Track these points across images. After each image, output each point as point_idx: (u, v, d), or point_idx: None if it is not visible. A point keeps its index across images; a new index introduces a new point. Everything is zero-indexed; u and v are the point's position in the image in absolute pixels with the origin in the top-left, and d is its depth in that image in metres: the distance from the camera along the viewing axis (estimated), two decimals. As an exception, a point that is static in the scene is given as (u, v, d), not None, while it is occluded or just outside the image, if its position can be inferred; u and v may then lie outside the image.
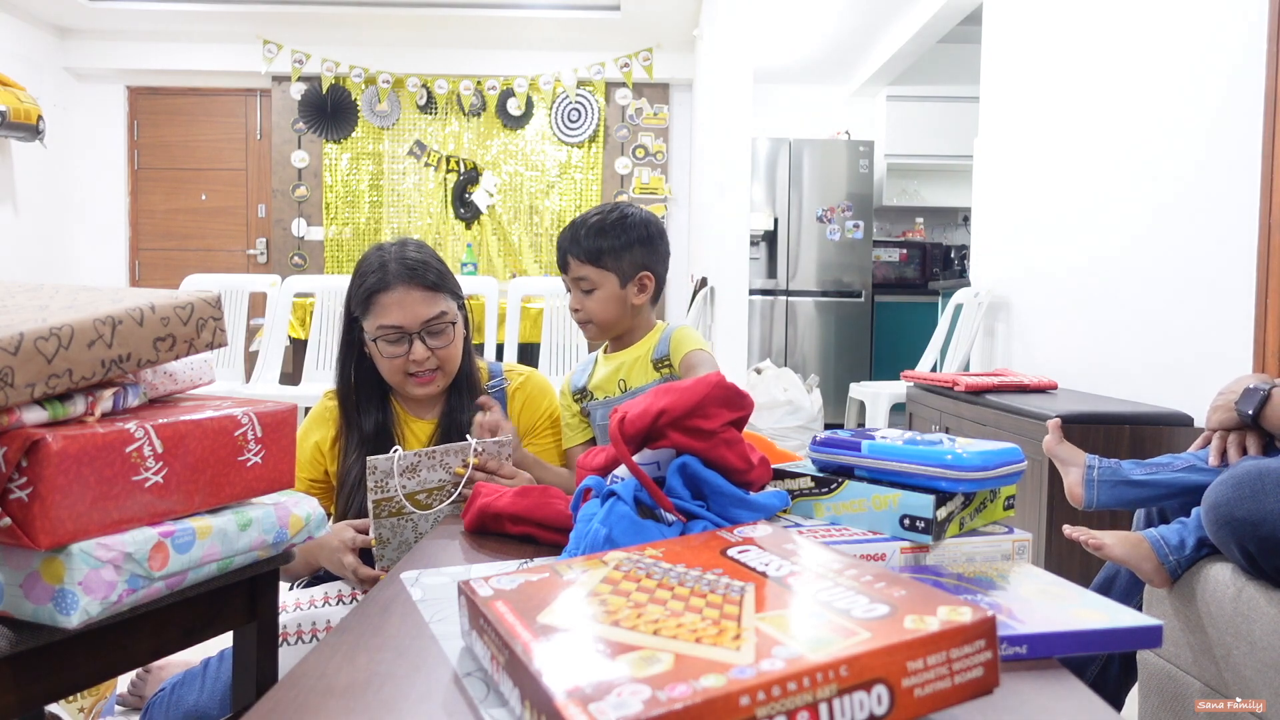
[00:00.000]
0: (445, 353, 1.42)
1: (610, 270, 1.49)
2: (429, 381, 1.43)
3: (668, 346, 1.52)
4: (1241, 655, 1.10)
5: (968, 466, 0.83)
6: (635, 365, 1.53)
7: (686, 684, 0.45)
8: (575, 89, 5.91)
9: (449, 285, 1.44)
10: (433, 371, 1.42)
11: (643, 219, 1.53)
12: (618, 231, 1.49)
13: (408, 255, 1.42)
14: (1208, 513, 1.13)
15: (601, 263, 1.49)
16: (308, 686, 0.62)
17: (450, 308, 1.43)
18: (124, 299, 0.85)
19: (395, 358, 1.40)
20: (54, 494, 0.72)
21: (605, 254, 1.48)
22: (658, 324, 1.60)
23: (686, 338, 1.52)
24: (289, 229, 5.90)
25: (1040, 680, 0.64)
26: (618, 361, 1.55)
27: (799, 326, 5.66)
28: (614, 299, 1.51)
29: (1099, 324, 2.75)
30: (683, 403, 0.86)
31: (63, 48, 5.69)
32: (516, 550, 1.02)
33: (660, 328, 1.58)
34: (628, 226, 1.50)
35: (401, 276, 1.39)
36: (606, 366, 1.57)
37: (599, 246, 1.48)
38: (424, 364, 1.40)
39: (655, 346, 1.53)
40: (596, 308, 1.51)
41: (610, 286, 1.50)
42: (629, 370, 1.53)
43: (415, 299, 1.39)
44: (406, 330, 1.38)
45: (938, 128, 5.93)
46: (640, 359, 1.53)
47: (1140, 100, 2.56)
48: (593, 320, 1.53)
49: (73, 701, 1.58)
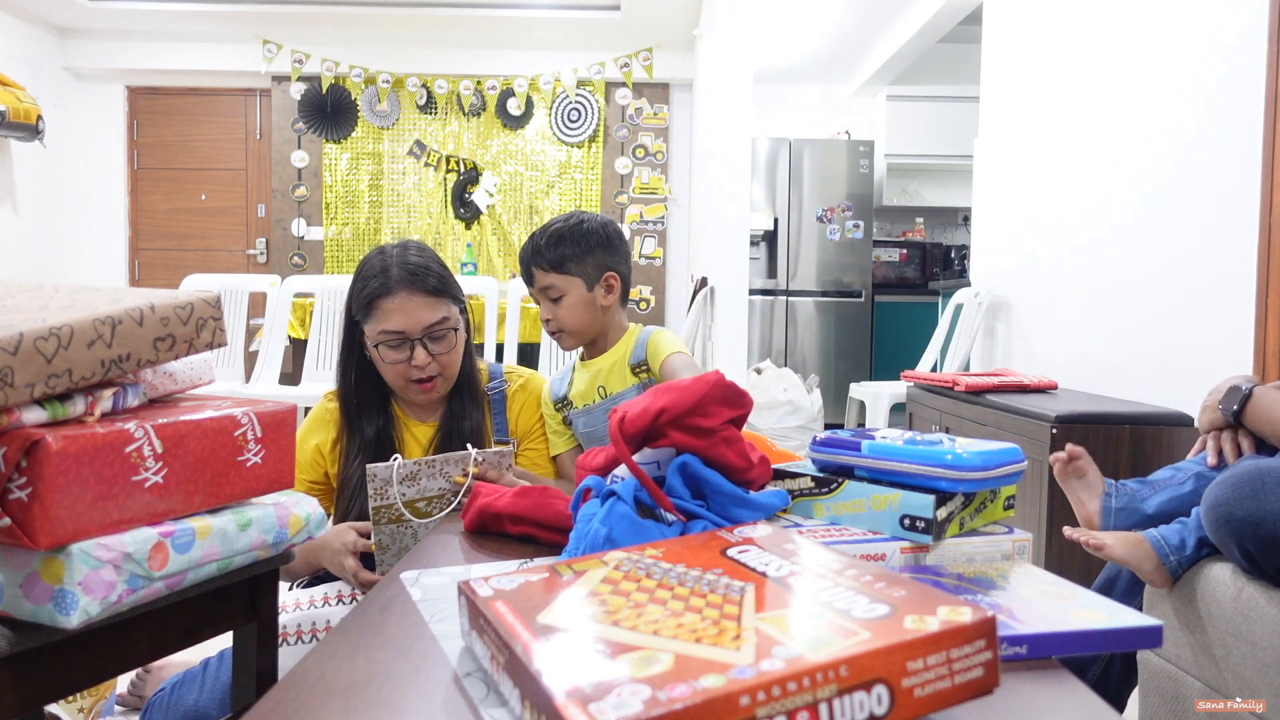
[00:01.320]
0: (447, 358, 1.42)
1: (575, 275, 1.51)
2: (430, 388, 1.42)
3: (645, 351, 1.53)
4: (1241, 655, 1.10)
5: (968, 466, 0.83)
6: (613, 371, 1.54)
7: (686, 684, 0.45)
8: (575, 89, 5.91)
9: (451, 290, 1.43)
10: (434, 377, 1.42)
11: (600, 222, 1.55)
12: (576, 237, 1.51)
13: (410, 259, 1.40)
14: (1207, 512, 1.13)
15: (565, 269, 1.51)
16: (308, 686, 0.62)
17: (452, 313, 1.42)
18: (124, 299, 0.85)
19: (397, 363, 1.39)
20: (54, 494, 0.72)
21: (568, 260, 1.51)
22: (631, 327, 1.60)
23: (663, 341, 1.52)
24: (289, 229, 5.90)
25: (1040, 680, 0.64)
26: (595, 368, 1.56)
27: (799, 326, 5.66)
28: (583, 303, 1.52)
29: (1099, 324, 2.75)
30: (683, 401, 0.86)
31: (63, 48, 5.69)
32: (516, 550, 1.02)
33: (634, 331, 1.59)
34: (586, 232, 1.52)
35: (404, 281, 1.38)
36: (584, 374, 1.57)
37: (561, 254, 1.50)
38: (425, 369, 1.40)
39: (632, 351, 1.54)
40: (567, 315, 1.52)
41: (578, 291, 1.52)
42: (607, 376, 1.54)
43: (417, 304, 1.38)
44: (408, 336, 1.38)
45: (938, 128, 5.93)
46: (617, 364, 1.54)
47: (1140, 100, 2.56)
48: (564, 329, 1.54)
49: (73, 701, 1.58)
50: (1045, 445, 2.16)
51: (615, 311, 1.58)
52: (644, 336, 1.56)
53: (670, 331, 1.59)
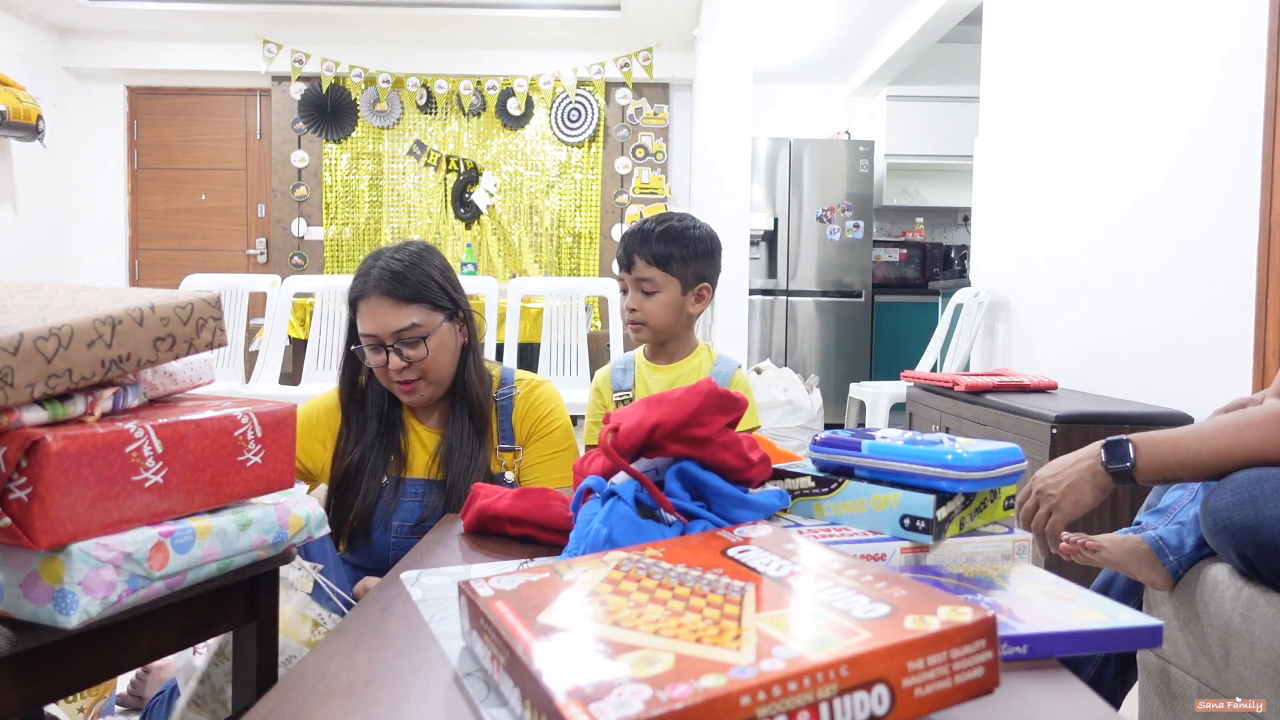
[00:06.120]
0: (424, 364, 1.40)
1: (675, 276, 1.53)
2: (411, 389, 1.42)
3: (728, 385, 1.55)
4: (1241, 655, 1.10)
5: (968, 466, 0.83)
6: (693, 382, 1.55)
7: (687, 684, 0.45)
8: (575, 89, 5.90)
9: (428, 296, 1.41)
10: (414, 380, 1.41)
11: (709, 233, 1.58)
12: (687, 239, 1.54)
13: (390, 264, 1.40)
14: (1205, 518, 1.12)
15: (669, 268, 1.52)
16: (308, 686, 0.62)
17: (426, 319, 1.40)
18: (124, 299, 0.85)
19: (377, 365, 1.41)
20: (54, 494, 0.72)
21: (673, 260, 1.52)
22: (700, 342, 1.63)
23: (747, 388, 1.56)
24: (289, 229, 5.90)
25: (1040, 680, 0.64)
26: (674, 375, 1.58)
27: (799, 326, 5.66)
28: (673, 305, 1.54)
29: (1099, 324, 2.75)
30: (677, 415, 0.86)
31: (63, 48, 5.69)
32: (517, 550, 1.02)
33: (706, 349, 1.62)
34: (696, 237, 1.55)
35: (374, 286, 1.39)
36: (659, 376, 1.59)
37: (669, 252, 1.52)
38: (401, 374, 1.39)
39: (709, 372, 1.57)
40: (655, 311, 1.54)
41: (672, 292, 1.54)
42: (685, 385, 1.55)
43: (385, 309, 1.38)
44: (380, 340, 1.39)
45: (938, 128, 5.93)
46: (698, 378, 1.56)
47: (1139, 99, 2.56)
48: (648, 323, 1.55)
49: (73, 701, 1.58)
50: (1045, 445, 2.16)
51: (693, 321, 1.60)
52: (728, 369, 1.59)
53: (746, 376, 1.63)
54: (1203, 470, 1.13)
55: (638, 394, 1.58)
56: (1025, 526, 1.25)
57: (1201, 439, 1.13)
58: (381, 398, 1.48)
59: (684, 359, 1.60)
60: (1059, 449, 2.11)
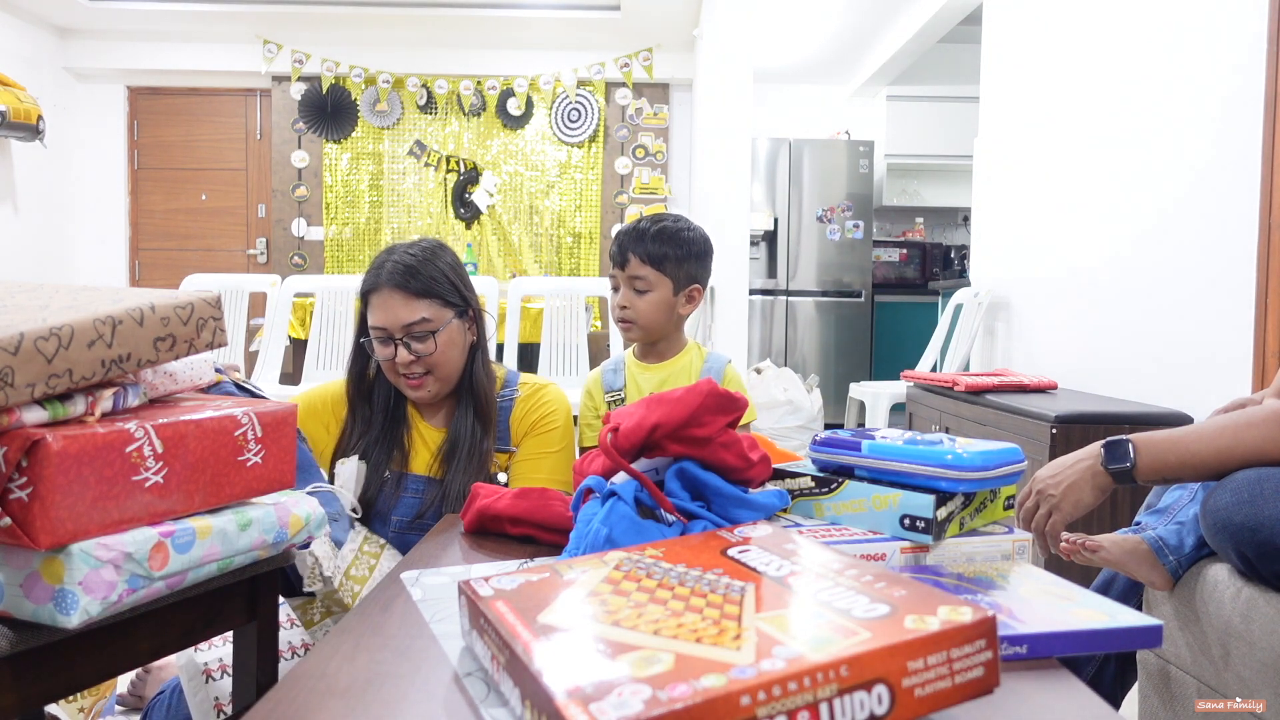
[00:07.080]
0: (433, 359, 1.41)
1: (668, 276, 1.54)
2: (419, 385, 1.42)
3: (720, 380, 1.54)
4: (1241, 655, 1.10)
5: (968, 466, 0.83)
6: (684, 382, 1.55)
7: (687, 684, 0.45)
8: (575, 89, 5.90)
9: (439, 291, 1.42)
10: (421, 375, 1.42)
11: (703, 235, 1.59)
12: (681, 240, 1.55)
13: (403, 259, 1.42)
14: (1205, 518, 1.12)
15: (662, 267, 1.53)
16: (308, 686, 0.62)
17: (438, 314, 1.41)
18: (124, 299, 0.85)
19: (385, 359, 1.41)
20: (54, 494, 0.72)
21: (668, 260, 1.53)
22: (690, 341, 1.63)
23: (739, 383, 1.57)
24: (289, 229, 5.90)
25: (1040, 680, 0.64)
26: (664, 374, 1.58)
27: (799, 326, 5.66)
28: (664, 305, 1.55)
29: (1099, 324, 2.75)
30: (676, 415, 0.86)
31: (63, 48, 5.69)
32: (517, 550, 1.02)
33: (696, 346, 1.63)
34: (690, 239, 1.56)
35: (387, 279, 1.40)
36: (649, 376, 1.59)
37: (663, 251, 1.53)
38: (409, 367, 1.40)
39: (700, 370, 1.57)
40: (646, 310, 1.54)
41: (664, 291, 1.54)
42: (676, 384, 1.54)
43: (396, 302, 1.39)
44: (390, 333, 1.39)
45: (938, 128, 5.93)
46: (689, 377, 1.56)
47: (1140, 100, 2.56)
48: (638, 322, 1.56)
49: (73, 701, 1.58)
50: (1045, 445, 2.16)
51: (683, 322, 1.61)
52: (718, 365, 1.59)
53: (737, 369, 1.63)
54: (1203, 470, 1.13)
55: (629, 393, 1.58)
56: (1025, 526, 1.25)
57: (1201, 439, 1.13)
58: (388, 392, 1.48)
59: (674, 357, 1.60)
60: (1059, 449, 2.11)
